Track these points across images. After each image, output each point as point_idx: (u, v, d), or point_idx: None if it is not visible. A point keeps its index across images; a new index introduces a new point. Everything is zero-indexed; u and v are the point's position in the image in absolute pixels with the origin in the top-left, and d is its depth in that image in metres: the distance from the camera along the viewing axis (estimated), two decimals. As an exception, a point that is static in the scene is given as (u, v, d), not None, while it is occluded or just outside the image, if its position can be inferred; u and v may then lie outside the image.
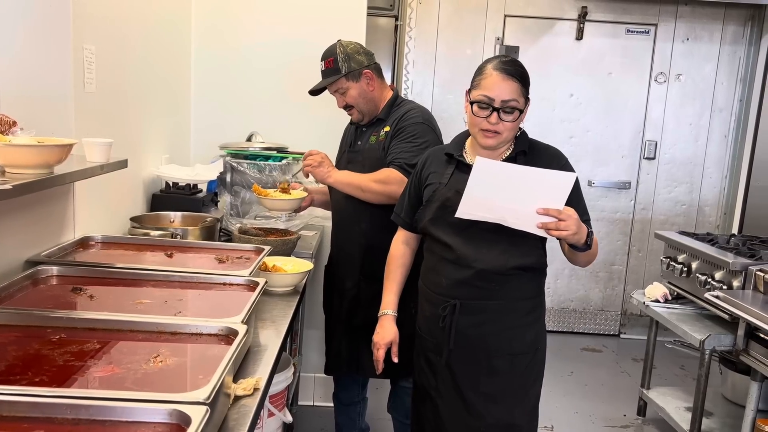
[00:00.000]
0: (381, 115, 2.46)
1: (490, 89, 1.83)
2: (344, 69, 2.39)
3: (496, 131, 1.85)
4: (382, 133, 2.43)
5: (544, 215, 1.71)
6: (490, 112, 1.83)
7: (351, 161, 2.49)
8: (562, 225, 1.72)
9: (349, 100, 2.43)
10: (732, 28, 4.62)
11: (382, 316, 2.10)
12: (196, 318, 1.48)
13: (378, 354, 2.08)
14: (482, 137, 1.88)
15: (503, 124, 1.84)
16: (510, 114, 1.84)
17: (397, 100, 2.49)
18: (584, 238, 1.77)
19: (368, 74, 2.42)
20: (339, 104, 2.47)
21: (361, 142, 2.50)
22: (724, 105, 4.70)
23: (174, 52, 3.03)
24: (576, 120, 4.71)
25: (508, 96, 1.83)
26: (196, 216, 2.54)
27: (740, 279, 2.89)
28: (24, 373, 1.18)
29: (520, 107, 1.85)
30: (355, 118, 2.48)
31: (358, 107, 2.44)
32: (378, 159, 2.39)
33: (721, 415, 3.23)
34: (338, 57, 2.40)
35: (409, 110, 2.42)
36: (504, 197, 1.76)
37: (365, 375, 2.63)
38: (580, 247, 1.81)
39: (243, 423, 1.27)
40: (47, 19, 1.83)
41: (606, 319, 4.90)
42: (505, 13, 4.58)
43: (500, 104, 1.82)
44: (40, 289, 1.65)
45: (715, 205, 4.82)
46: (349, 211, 2.47)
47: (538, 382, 2.02)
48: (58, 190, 1.91)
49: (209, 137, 3.23)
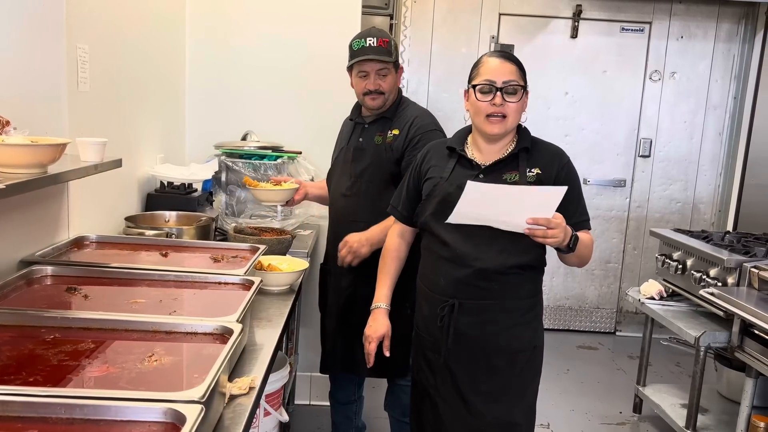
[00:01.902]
0: (387, 114, 2.44)
1: (491, 73, 1.85)
2: (393, 56, 2.41)
3: (503, 114, 1.85)
4: (390, 134, 2.41)
5: (533, 225, 1.72)
6: (493, 95, 1.84)
7: (356, 159, 2.46)
8: (550, 233, 1.73)
9: (385, 86, 2.40)
10: (726, 25, 4.63)
11: (375, 309, 2.09)
12: (191, 317, 1.47)
13: (369, 347, 2.05)
14: (488, 124, 1.87)
15: (508, 106, 1.85)
16: (513, 95, 1.85)
17: (402, 100, 2.50)
18: (566, 240, 1.77)
19: (401, 70, 2.49)
20: (370, 85, 2.39)
21: (363, 139, 2.47)
22: (718, 102, 4.72)
23: (169, 51, 3.02)
24: (571, 118, 4.72)
25: (508, 76, 1.85)
26: (191, 215, 2.53)
27: (735, 276, 2.90)
28: (18, 373, 1.17)
29: (522, 85, 1.86)
30: (376, 104, 2.42)
31: (387, 95, 2.42)
32: (386, 160, 2.38)
33: (717, 412, 3.24)
34: (392, 42, 2.41)
35: (418, 116, 2.42)
36: (495, 213, 1.77)
37: (360, 374, 2.62)
38: (563, 250, 1.82)
39: (238, 422, 1.27)
40: (40, 19, 1.82)
41: (602, 317, 4.91)
42: (500, 12, 4.58)
43: (502, 84, 1.84)
44: (34, 289, 1.64)
45: (709, 202, 4.83)
46: (348, 209, 2.47)
47: (537, 380, 2.02)
48: (52, 189, 1.90)
49: (204, 136, 3.22)
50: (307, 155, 3.17)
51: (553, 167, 1.91)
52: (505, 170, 1.89)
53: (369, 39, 2.38)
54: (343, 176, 2.50)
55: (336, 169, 2.57)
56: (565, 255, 1.86)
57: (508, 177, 1.88)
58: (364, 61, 2.37)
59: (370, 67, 2.38)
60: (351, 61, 2.41)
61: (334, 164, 2.60)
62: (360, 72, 2.40)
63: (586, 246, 1.89)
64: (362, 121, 2.51)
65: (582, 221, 1.93)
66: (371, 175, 2.42)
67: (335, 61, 3.23)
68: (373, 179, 2.41)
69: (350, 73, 2.46)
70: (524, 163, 1.89)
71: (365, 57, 2.36)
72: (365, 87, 2.40)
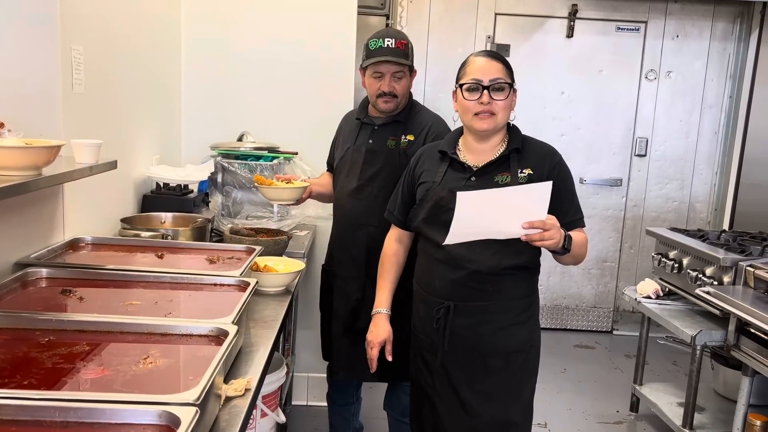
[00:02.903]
0: (400, 118, 2.41)
1: (477, 72, 1.87)
2: (410, 60, 2.39)
3: (491, 112, 1.85)
4: (404, 140, 2.38)
5: (529, 228, 1.71)
6: (480, 93, 1.85)
7: (367, 162, 2.41)
8: (547, 235, 1.72)
9: (399, 89, 2.36)
10: (721, 25, 4.64)
11: (376, 314, 2.10)
12: (186, 319, 1.47)
13: (372, 353, 2.08)
14: (477, 121, 1.87)
15: (496, 104, 1.85)
16: (500, 92, 1.86)
17: (414, 105, 2.47)
18: (561, 242, 1.77)
19: (415, 73, 2.45)
20: (384, 87, 2.34)
21: (373, 142, 2.42)
22: (714, 102, 4.73)
23: (164, 52, 3.01)
24: (567, 117, 4.72)
25: (494, 75, 1.86)
26: (187, 216, 2.53)
27: (731, 275, 2.91)
28: (12, 376, 1.17)
29: (509, 82, 1.87)
30: (388, 107, 2.37)
31: (399, 98, 2.38)
32: (399, 165, 2.30)
33: (713, 410, 3.25)
34: (410, 45, 2.39)
35: (434, 123, 2.40)
36: (490, 221, 1.76)
37: (366, 379, 2.57)
38: (558, 252, 1.82)
39: (234, 423, 1.26)
40: (34, 20, 1.81)
41: (598, 316, 4.92)
42: (496, 12, 4.59)
43: (489, 82, 1.85)
44: (29, 291, 1.63)
45: (705, 201, 4.84)
46: (356, 211, 2.41)
47: (533, 379, 2.03)
48: (47, 191, 1.89)
49: (200, 137, 3.22)
50: (303, 156, 3.16)
51: (544, 167, 1.91)
52: (496, 172, 1.90)
53: (387, 40, 2.33)
54: (351, 177, 2.44)
55: (343, 169, 2.49)
56: (561, 256, 1.86)
57: (500, 179, 1.88)
58: (381, 63, 2.32)
59: (386, 69, 2.33)
60: (367, 61, 2.35)
61: (340, 164, 2.51)
62: (375, 73, 2.34)
63: (581, 245, 1.89)
64: (371, 122, 2.45)
65: (576, 219, 1.94)
66: (383, 179, 2.36)
67: (331, 62, 3.24)
68: (386, 184, 2.34)
69: (363, 73, 2.41)
70: (515, 163, 1.90)
71: (383, 58, 2.31)
72: (379, 89, 2.35)
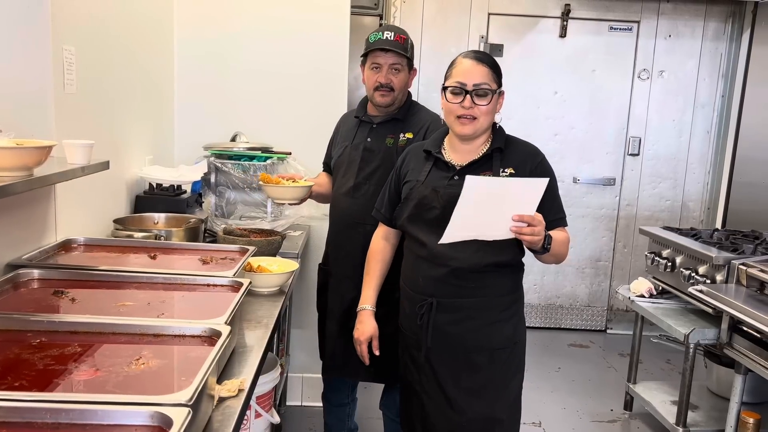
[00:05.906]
0: (398, 115, 2.41)
1: (462, 75, 1.87)
2: (409, 54, 2.40)
3: (473, 116, 1.87)
4: (402, 138, 2.38)
5: (518, 221, 1.73)
6: (463, 97, 1.86)
7: (364, 160, 2.41)
8: (534, 230, 1.74)
9: (397, 82, 2.36)
10: (713, 24, 4.66)
11: (361, 311, 2.12)
12: (179, 320, 1.46)
13: (361, 350, 2.11)
14: (459, 125, 1.89)
15: (478, 108, 1.86)
16: (483, 97, 1.86)
17: (413, 103, 2.47)
18: (542, 242, 1.79)
19: (414, 72, 2.46)
20: (381, 78, 2.35)
21: (372, 140, 2.42)
22: (706, 101, 4.75)
23: (157, 52, 3.00)
24: (560, 117, 4.74)
25: (479, 79, 1.86)
26: (180, 217, 2.52)
27: (723, 273, 2.92)
28: (3, 378, 1.16)
29: (492, 89, 1.87)
30: (385, 101, 2.38)
31: (397, 92, 2.38)
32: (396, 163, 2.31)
33: (707, 408, 3.26)
34: (409, 39, 2.41)
35: (432, 122, 2.40)
36: (488, 211, 1.77)
37: (361, 379, 2.59)
38: (538, 251, 1.83)
39: (227, 424, 1.26)
40: (25, 20, 1.81)
41: (592, 315, 4.93)
42: (489, 11, 4.59)
43: (472, 87, 1.86)
44: (21, 292, 1.63)
45: (698, 200, 4.86)
46: (353, 210, 2.41)
47: (519, 375, 2.04)
48: (39, 192, 1.88)
49: (193, 138, 3.20)
50: (296, 156, 3.16)
51: (526, 166, 1.93)
52: (479, 171, 1.91)
53: (387, 33, 2.36)
54: (348, 176, 2.44)
55: (340, 167, 2.49)
56: (541, 255, 1.87)
57: None
58: (379, 52, 2.34)
59: (384, 60, 2.34)
60: (365, 51, 2.38)
61: (338, 162, 2.51)
62: (373, 64, 2.36)
63: (562, 243, 1.91)
64: (369, 120, 2.45)
65: (558, 219, 1.95)
66: (381, 178, 2.34)
67: (325, 62, 3.24)
68: (383, 182, 2.31)
69: (363, 69, 2.42)
70: (498, 163, 1.92)
71: (380, 47, 2.33)
72: (376, 81, 2.36)
